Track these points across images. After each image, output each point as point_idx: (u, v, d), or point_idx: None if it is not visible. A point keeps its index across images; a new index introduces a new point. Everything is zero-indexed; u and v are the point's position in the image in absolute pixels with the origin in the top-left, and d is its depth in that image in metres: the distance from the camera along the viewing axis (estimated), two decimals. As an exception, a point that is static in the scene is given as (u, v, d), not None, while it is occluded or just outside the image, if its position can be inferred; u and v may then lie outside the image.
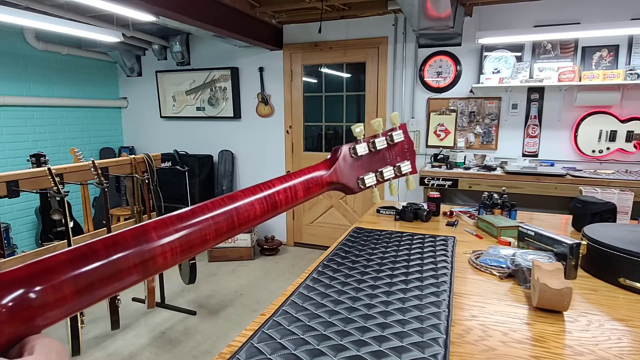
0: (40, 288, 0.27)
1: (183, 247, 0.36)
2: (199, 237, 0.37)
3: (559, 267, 0.96)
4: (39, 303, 0.27)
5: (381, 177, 0.56)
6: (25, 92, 4.01)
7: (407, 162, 0.58)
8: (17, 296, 0.26)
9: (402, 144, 0.59)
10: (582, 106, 3.34)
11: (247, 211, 0.42)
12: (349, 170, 0.54)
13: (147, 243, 0.33)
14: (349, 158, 0.54)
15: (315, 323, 0.89)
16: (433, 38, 3.62)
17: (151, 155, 3.01)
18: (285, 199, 0.46)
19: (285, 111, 4.39)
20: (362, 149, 0.55)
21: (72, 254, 0.30)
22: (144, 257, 0.33)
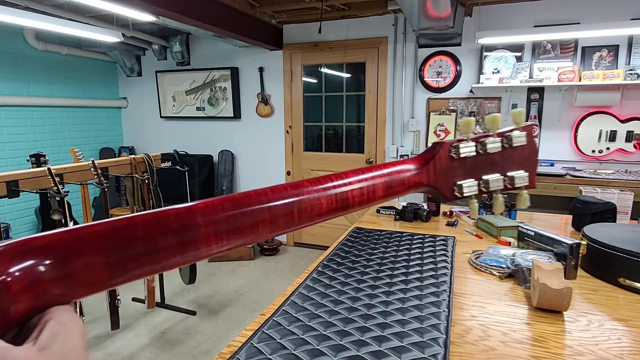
0: (61, 263, 0.25)
1: (230, 235, 0.32)
2: (250, 226, 0.33)
3: (559, 267, 0.96)
4: (58, 277, 0.25)
5: (485, 187, 0.45)
6: (25, 92, 4.01)
7: (524, 173, 0.46)
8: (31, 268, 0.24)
9: (523, 150, 0.46)
10: (582, 106, 3.34)
11: (312, 206, 0.36)
12: (445, 173, 0.44)
13: (191, 225, 0.30)
14: (447, 158, 0.45)
15: (315, 323, 0.89)
16: (433, 38, 3.62)
17: (151, 155, 3.01)
18: (359, 196, 0.39)
19: (285, 111, 4.39)
20: (467, 149, 0.45)
21: (108, 226, 0.28)
22: (184, 240, 0.30)
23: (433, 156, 0.44)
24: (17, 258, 0.24)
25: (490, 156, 0.45)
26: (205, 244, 0.31)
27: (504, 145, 0.46)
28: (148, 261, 0.29)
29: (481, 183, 0.45)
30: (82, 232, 0.27)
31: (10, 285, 0.23)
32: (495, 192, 0.46)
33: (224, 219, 0.32)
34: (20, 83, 3.97)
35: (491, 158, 0.45)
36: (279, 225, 0.34)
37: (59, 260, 0.25)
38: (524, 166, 0.46)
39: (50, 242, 0.25)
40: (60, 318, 0.24)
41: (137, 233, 0.28)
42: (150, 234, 0.28)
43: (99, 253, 0.26)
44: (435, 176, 0.44)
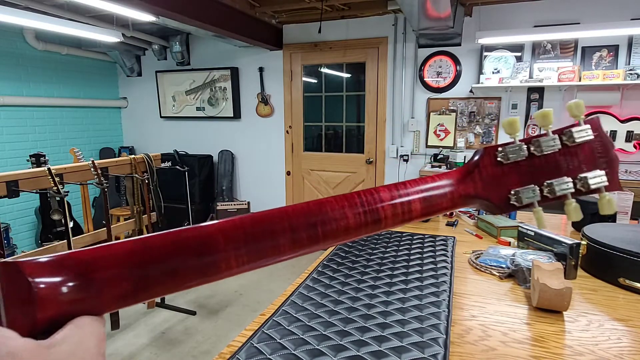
0: (99, 275, 0.27)
1: (251, 256, 0.31)
2: (272, 247, 0.32)
3: (559, 267, 0.96)
4: (95, 290, 0.26)
5: (551, 193, 0.38)
6: (25, 92, 4.01)
7: (600, 172, 0.39)
8: (76, 279, 0.26)
9: (591, 146, 0.39)
10: (582, 106, 3.34)
11: (338, 225, 0.34)
12: (495, 181, 0.39)
13: (212, 245, 0.30)
14: (494, 164, 0.39)
15: (315, 323, 0.89)
16: (433, 38, 3.62)
17: (151, 155, 3.01)
18: (392, 214, 0.35)
19: (285, 111, 4.39)
20: (516, 152, 0.39)
21: (135, 245, 0.29)
22: (205, 262, 0.30)
23: (477, 164, 0.39)
24: (50, 273, 0.26)
25: (551, 157, 0.39)
26: (226, 264, 0.31)
27: (564, 143, 0.39)
28: (171, 280, 0.29)
29: (544, 188, 0.39)
30: (112, 249, 0.28)
31: (38, 294, 0.25)
32: (567, 197, 0.39)
33: (243, 236, 0.31)
34: (20, 83, 3.97)
35: (552, 159, 0.39)
36: (303, 242, 0.33)
37: (85, 281, 0.26)
38: (600, 165, 0.39)
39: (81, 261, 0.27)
40: (79, 323, 0.25)
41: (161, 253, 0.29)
42: (172, 254, 0.29)
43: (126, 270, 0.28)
44: (484, 185, 0.39)
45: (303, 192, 4.51)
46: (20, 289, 0.24)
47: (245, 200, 4.25)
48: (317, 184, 4.42)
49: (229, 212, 4.12)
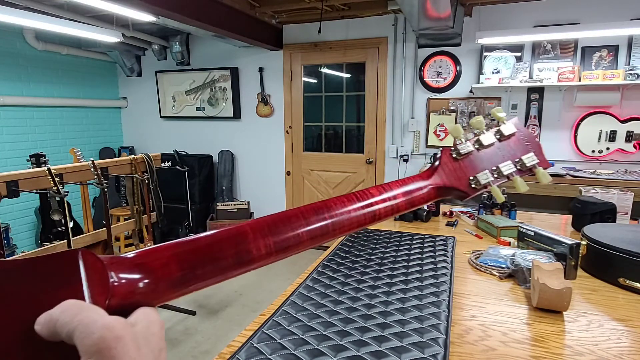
0: (156, 270, 0.31)
1: (277, 244, 0.36)
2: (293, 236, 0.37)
3: (559, 267, 0.96)
4: (151, 284, 0.30)
5: (499, 174, 0.49)
6: (25, 92, 4.01)
7: (531, 153, 0.50)
8: (139, 272, 0.30)
9: (517, 136, 0.51)
10: (581, 106, 3.34)
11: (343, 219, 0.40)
12: (456, 172, 0.48)
13: (243, 234, 0.35)
14: (451, 160, 0.49)
15: (315, 323, 0.89)
16: (433, 38, 3.62)
17: (151, 155, 3.01)
18: (384, 208, 0.43)
19: (285, 111, 4.39)
20: (465, 148, 0.49)
21: (184, 243, 0.33)
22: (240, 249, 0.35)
23: (439, 162, 0.49)
24: (128, 270, 0.30)
25: (492, 148, 0.50)
26: (257, 251, 0.35)
27: (497, 137, 0.51)
28: (213, 270, 0.33)
29: (494, 172, 0.49)
30: (162, 248, 0.32)
31: (115, 285, 0.28)
32: (512, 176, 0.50)
33: (267, 229, 0.36)
34: (20, 83, 3.97)
35: (493, 150, 0.50)
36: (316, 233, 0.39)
37: (147, 277, 0.30)
38: (528, 149, 0.50)
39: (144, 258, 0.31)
40: (146, 311, 0.29)
41: (205, 253, 0.33)
42: (212, 247, 0.34)
43: (176, 265, 0.32)
44: (448, 177, 0.48)
45: (303, 192, 4.51)
46: (101, 279, 0.28)
47: (245, 200, 4.24)
48: (317, 184, 4.42)
49: (229, 212, 4.12)
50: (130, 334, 0.25)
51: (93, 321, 0.24)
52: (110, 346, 0.23)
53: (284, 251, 0.37)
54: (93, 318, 0.24)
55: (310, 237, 0.38)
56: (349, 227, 0.41)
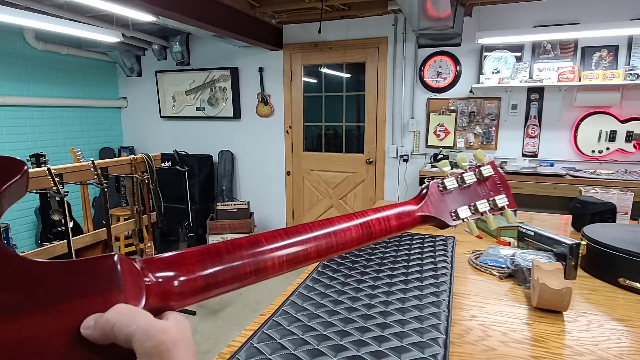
0: (183, 275, 0.32)
1: (289, 260, 0.39)
2: (303, 256, 0.40)
3: (559, 267, 0.96)
4: (179, 288, 0.32)
5: (475, 210, 0.56)
6: (25, 92, 4.01)
7: (503, 195, 0.58)
8: (169, 277, 0.31)
9: (493, 178, 0.59)
10: (581, 106, 3.34)
11: (345, 235, 0.44)
12: (440, 204, 0.55)
13: (258, 242, 0.38)
14: (438, 192, 0.55)
15: (315, 323, 0.89)
16: (433, 38, 3.62)
17: (151, 155, 3.01)
18: (379, 228, 0.47)
19: (285, 111, 4.39)
20: (450, 183, 0.56)
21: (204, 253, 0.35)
22: (258, 268, 0.37)
23: (427, 194, 0.55)
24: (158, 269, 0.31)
25: (472, 187, 0.58)
26: (271, 261, 0.38)
27: (477, 177, 0.58)
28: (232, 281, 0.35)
29: (472, 207, 0.57)
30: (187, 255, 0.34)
31: (149, 289, 0.30)
32: (485, 213, 0.58)
33: (280, 240, 0.39)
34: (20, 83, 3.97)
35: (473, 188, 0.58)
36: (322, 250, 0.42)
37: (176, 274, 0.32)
38: (501, 191, 0.59)
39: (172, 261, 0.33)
40: (176, 315, 0.30)
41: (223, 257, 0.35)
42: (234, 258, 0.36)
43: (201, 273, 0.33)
44: (434, 208, 0.54)
45: (303, 192, 4.51)
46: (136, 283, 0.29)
47: (245, 200, 4.25)
48: (317, 184, 4.42)
49: (228, 212, 4.12)
50: (183, 338, 0.27)
51: (151, 325, 0.25)
52: (169, 349, 0.25)
53: (292, 268, 0.40)
54: (150, 322, 0.26)
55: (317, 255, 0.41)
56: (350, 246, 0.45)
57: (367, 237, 0.46)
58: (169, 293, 0.31)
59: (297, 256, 0.39)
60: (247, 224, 4.06)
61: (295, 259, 0.39)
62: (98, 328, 0.25)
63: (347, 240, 0.44)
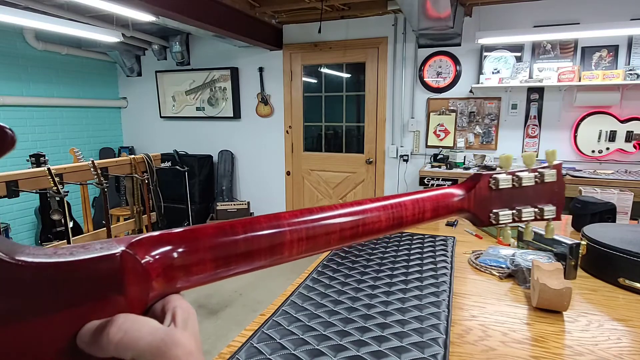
0: (186, 253, 0.30)
1: (309, 243, 0.36)
2: (324, 235, 0.37)
3: (559, 267, 0.96)
4: (183, 265, 0.29)
5: (518, 217, 0.50)
6: (25, 92, 4.01)
7: (553, 207, 0.51)
8: (166, 254, 0.29)
9: (552, 185, 0.51)
10: (581, 106, 3.34)
11: (373, 222, 0.40)
12: (484, 201, 0.49)
13: (279, 230, 0.34)
14: (487, 188, 0.49)
15: (315, 323, 0.89)
16: (433, 38, 3.62)
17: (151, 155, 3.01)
18: (412, 216, 0.43)
19: (285, 111, 4.39)
20: (504, 182, 0.49)
21: (217, 228, 0.32)
22: (274, 243, 0.34)
23: (474, 185, 0.49)
24: (150, 248, 0.28)
25: (524, 189, 0.50)
26: (289, 249, 0.35)
27: (536, 180, 0.50)
28: (244, 260, 0.33)
29: (515, 213, 0.50)
30: (197, 231, 0.31)
31: (150, 270, 0.27)
32: (527, 222, 0.51)
33: (305, 227, 0.35)
34: (20, 83, 3.97)
35: (525, 191, 0.50)
36: (346, 236, 0.38)
37: (180, 253, 0.29)
38: (553, 200, 0.51)
39: (174, 238, 0.30)
40: (182, 305, 0.28)
41: (238, 234, 0.32)
42: (248, 237, 0.33)
43: (209, 250, 0.31)
44: (475, 204, 0.49)
45: (303, 192, 4.51)
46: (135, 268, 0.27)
47: (245, 200, 4.25)
48: (317, 184, 4.42)
49: (228, 213, 4.12)
50: (195, 345, 0.25)
51: (161, 341, 0.24)
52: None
53: (311, 252, 0.36)
54: (158, 336, 0.24)
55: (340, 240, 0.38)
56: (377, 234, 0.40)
57: (396, 226, 0.42)
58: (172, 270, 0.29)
59: (316, 240, 0.36)
60: (247, 224, 4.05)
61: (315, 243, 0.36)
62: (98, 344, 0.23)
63: (375, 230, 0.40)
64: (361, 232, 0.39)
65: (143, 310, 0.27)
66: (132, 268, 0.27)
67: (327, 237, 0.37)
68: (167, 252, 0.29)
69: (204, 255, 0.30)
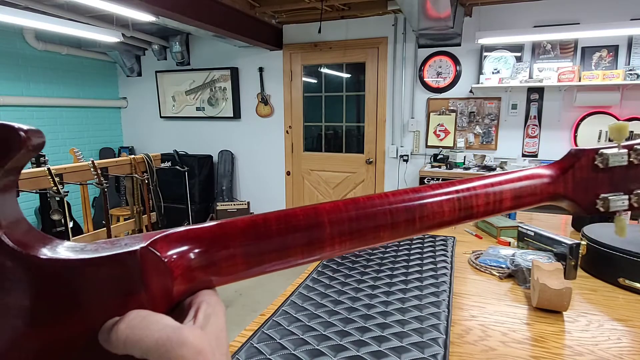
0: (214, 250, 0.28)
1: (353, 237, 0.32)
2: (372, 230, 0.32)
3: (559, 267, 0.96)
4: (210, 263, 0.28)
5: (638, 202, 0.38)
6: (25, 92, 4.01)
7: None
8: (190, 251, 0.28)
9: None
10: (581, 106, 3.34)
11: (433, 212, 0.33)
12: (586, 183, 0.38)
13: (318, 225, 0.31)
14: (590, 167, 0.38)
15: (315, 323, 0.89)
16: (433, 38, 3.62)
17: (151, 155, 3.01)
18: (484, 205, 0.35)
19: (285, 111, 4.39)
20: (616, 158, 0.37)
21: (248, 223, 0.30)
22: (311, 239, 0.31)
23: (572, 164, 0.38)
24: (175, 244, 0.27)
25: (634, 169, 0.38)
26: (330, 244, 0.31)
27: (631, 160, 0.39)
28: (278, 256, 0.30)
29: (633, 197, 0.38)
30: (227, 226, 0.29)
31: (172, 267, 0.26)
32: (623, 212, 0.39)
33: (347, 220, 0.31)
34: (20, 83, 3.97)
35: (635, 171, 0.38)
36: (399, 229, 0.33)
37: (207, 249, 0.28)
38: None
39: (202, 234, 0.29)
40: (210, 301, 0.27)
41: (271, 229, 0.30)
42: (282, 231, 0.30)
43: (240, 246, 0.29)
44: (574, 187, 0.38)
45: (303, 192, 4.51)
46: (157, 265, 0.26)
47: (245, 201, 4.25)
48: (317, 184, 4.42)
49: (228, 213, 4.12)
50: (207, 344, 0.24)
51: (168, 339, 0.23)
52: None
53: (357, 247, 0.32)
54: (165, 334, 0.23)
55: (392, 235, 0.33)
56: (439, 226, 0.34)
57: (463, 218, 0.35)
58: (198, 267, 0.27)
59: (362, 234, 0.32)
60: (247, 224, 4.06)
61: (361, 237, 0.32)
62: (113, 341, 0.23)
63: (436, 221, 0.34)
64: (418, 226, 0.33)
65: (169, 307, 0.27)
66: (152, 265, 0.26)
67: (376, 231, 0.32)
68: (191, 249, 0.27)
69: (234, 251, 0.29)
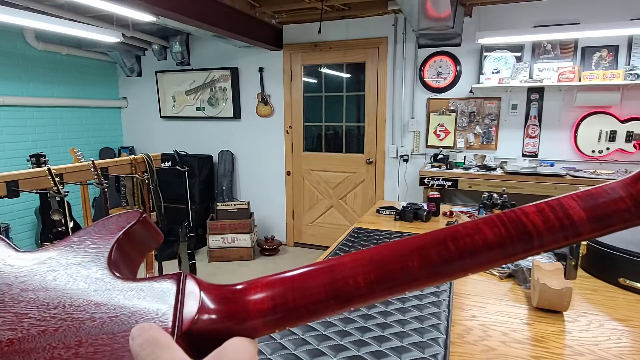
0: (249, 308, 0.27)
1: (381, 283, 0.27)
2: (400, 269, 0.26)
3: (559, 267, 0.96)
4: (245, 319, 0.26)
5: None
6: (25, 92, 4.01)
7: None
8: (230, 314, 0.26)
9: None
10: (581, 106, 3.34)
11: (471, 236, 0.26)
12: None
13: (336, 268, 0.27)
14: None
15: (315, 323, 0.89)
16: (433, 38, 3.62)
17: (151, 155, 3.01)
18: (543, 221, 0.26)
19: (285, 111, 4.39)
20: None
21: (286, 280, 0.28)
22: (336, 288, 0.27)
23: None
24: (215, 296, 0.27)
25: None
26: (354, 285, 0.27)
27: None
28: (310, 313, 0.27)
29: None
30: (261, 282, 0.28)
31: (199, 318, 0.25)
32: None
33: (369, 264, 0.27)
34: (20, 83, 3.97)
35: None
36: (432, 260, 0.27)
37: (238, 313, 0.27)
38: None
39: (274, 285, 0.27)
40: (234, 341, 0.26)
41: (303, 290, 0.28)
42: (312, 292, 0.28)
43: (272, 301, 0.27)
44: None
45: (303, 193, 4.51)
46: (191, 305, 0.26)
47: (245, 201, 4.25)
48: (317, 184, 4.42)
49: (229, 212, 4.12)
50: None
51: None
52: None
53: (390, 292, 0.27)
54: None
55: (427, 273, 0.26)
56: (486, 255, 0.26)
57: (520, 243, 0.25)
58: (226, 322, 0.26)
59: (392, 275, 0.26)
60: (247, 224, 4.06)
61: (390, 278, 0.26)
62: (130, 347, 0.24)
63: (479, 247, 0.26)
64: (456, 255, 0.26)
65: None
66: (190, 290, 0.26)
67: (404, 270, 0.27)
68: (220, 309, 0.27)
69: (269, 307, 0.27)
